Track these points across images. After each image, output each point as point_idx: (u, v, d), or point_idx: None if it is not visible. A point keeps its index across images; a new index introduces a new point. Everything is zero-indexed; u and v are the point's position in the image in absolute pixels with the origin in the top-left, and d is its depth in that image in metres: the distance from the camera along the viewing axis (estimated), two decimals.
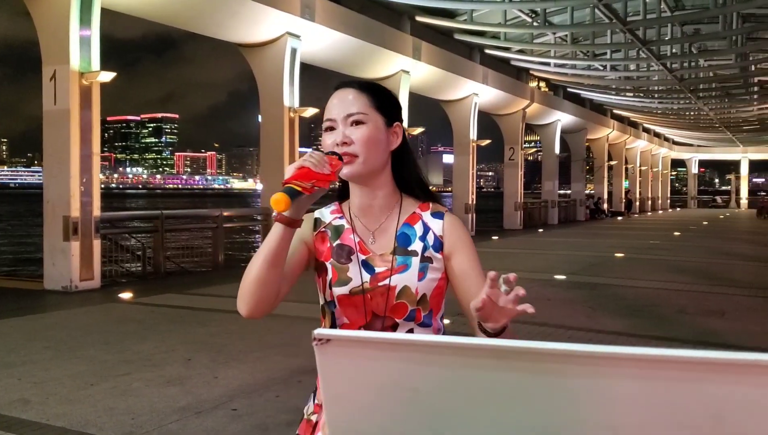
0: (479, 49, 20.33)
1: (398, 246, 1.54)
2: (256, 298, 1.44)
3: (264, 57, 13.34)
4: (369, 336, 0.72)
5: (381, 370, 0.69)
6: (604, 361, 0.59)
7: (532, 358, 0.62)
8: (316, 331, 0.73)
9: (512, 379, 0.63)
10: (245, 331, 6.91)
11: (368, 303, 1.50)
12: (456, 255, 1.56)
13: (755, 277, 11.70)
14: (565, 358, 0.60)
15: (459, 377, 0.66)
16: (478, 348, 0.65)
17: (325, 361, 0.73)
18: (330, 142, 1.53)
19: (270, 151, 13.68)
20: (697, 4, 17.92)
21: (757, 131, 42.58)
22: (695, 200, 58.27)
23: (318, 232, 1.58)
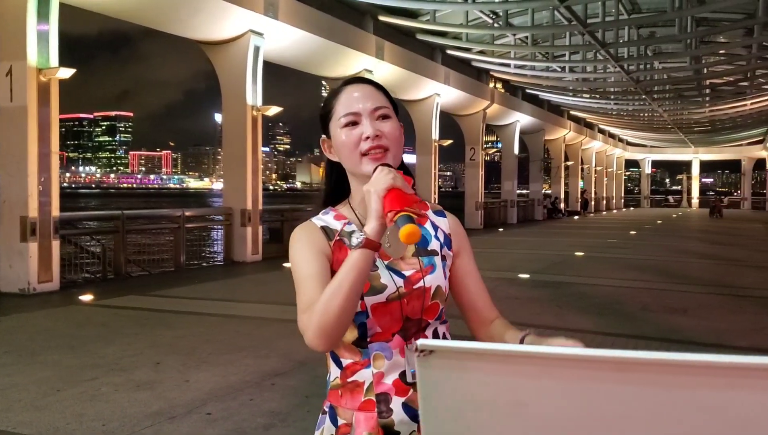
0: (441, 49, 20.42)
1: (419, 247, 1.50)
2: (342, 328, 1.33)
3: (227, 55, 13.16)
4: (477, 347, 0.67)
5: (487, 383, 0.65)
6: (737, 371, 0.56)
7: (661, 369, 0.59)
8: (420, 342, 0.68)
9: (634, 392, 0.60)
10: (213, 334, 6.79)
11: (404, 308, 1.43)
12: (462, 253, 1.57)
13: (713, 274, 11.99)
14: (696, 369, 0.57)
15: (574, 391, 0.62)
16: (601, 360, 0.61)
17: (427, 374, 0.68)
18: (355, 138, 1.46)
19: (232, 149, 13.50)
20: (652, 7, 18.29)
21: (708, 132, 43.75)
22: (648, 200, 59.53)
23: (334, 241, 1.47)
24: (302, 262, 1.43)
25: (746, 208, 51.93)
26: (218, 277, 11.55)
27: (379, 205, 1.31)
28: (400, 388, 1.41)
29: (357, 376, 1.43)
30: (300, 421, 4.32)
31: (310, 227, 1.50)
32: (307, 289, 1.38)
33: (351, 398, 1.43)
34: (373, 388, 1.41)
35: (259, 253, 13.53)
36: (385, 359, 1.42)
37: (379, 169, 1.38)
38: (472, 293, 1.57)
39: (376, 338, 1.42)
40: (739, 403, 0.57)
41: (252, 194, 13.33)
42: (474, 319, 1.58)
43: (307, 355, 5.94)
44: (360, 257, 1.31)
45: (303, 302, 1.37)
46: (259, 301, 8.94)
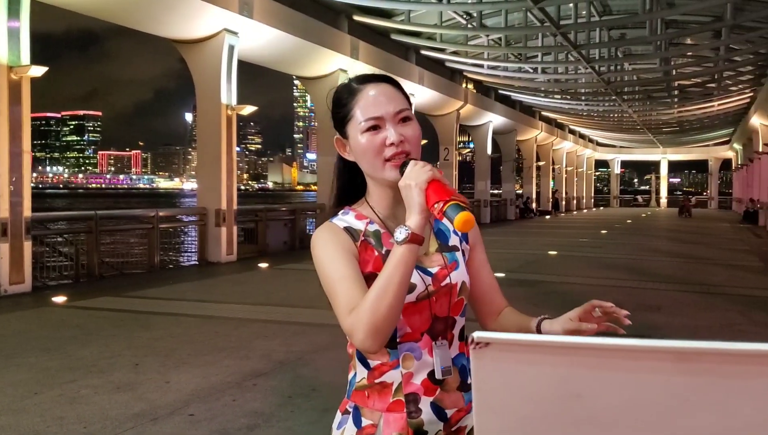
0: (415, 49, 20.47)
1: (441, 243, 1.50)
2: (393, 326, 1.30)
3: (201, 53, 13.05)
4: (533, 339, 0.67)
5: (542, 375, 0.66)
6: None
7: (719, 359, 0.61)
8: (476, 334, 0.69)
9: (691, 382, 0.62)
10: (191, 335, 6.75)
11: (433, 306, 1.42)
12: (476, 246, 1.58)
13: (685, 272, 12.19)
14: (750, 357, 0.59)
15: (630, 381, 0.64)
16: (660, 350, 0.63)
17: (482, 366, 0.68)
18: (379, 144, 1.41)
19: (206, 148, 13.40)
20: (623, 9, 18.53)
21: (676, 133, 44.42)
22: (617, 199, 60.25)
23: (360, 241, 1.44)
24: (333, 263, 1.39)
25: (713, 207, 52.85)
26: (193, 278, 11.46)
27: (422, 198, 1.30)
28: (428, 388, 1.40)
29: (385, 377, 1.41)
30: (284, 421, 4.31)
31: (333, 229, 1.46)
32: (345, 290, 1.34)
33: (379, 399, 1.41)
34: (402, 389, 1.40)
35: (234, 253, 13.44)
36: (414, 359, 1.40)
37: (412, 163, 1.36)
38: (485, 285, 1.58)
39: (405, 338, 1.40)
40: None
41: (226, 194, 13.24)
42: (485, 310, 1.59)
43: (287, 356, 5.94)
44: (406, 252, 1.28)
45: (344, 304, 1.32)
46: (236, 301, 8.89)
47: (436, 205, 1.27)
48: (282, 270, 12.16)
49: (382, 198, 1.49)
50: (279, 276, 11.52)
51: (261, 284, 10.60)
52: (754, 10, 15.91)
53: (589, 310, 1.35)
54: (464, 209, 1.24)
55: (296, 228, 16.35)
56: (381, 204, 1.49)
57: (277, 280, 11.07)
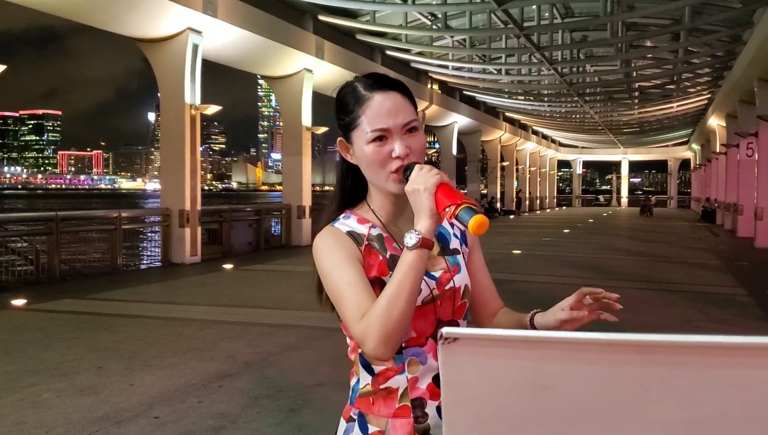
0: (380, 50, 20.52)
1: (443, 247, 1.49)
2: (405, 333, 1.28)
3: (164, 53, 12.90)
4: (500, 334, 0.70)
5: (509, 368, 0.68)
6: (751, 351, 0.62)
7: (678, 351, 0.64)
8: (444, 330, 0.71)
9: (653, 373, 0.64)
10: (155, 337, 6.68)
11: (438, 310, 1.41)
12: (474, 250, 1.57)
13: (646, 271, 12.44)
14: (711, 349, 0.63)
15: (595, 373, 0.66)
16: (623, 343, 0.66)
17: (450, 362, 0.70)
18: (384, 155, 1.38)
19: (170, 148, 13.26)
20: (584, 11, 18.82)
21: (637, 134, 45.24)
22: (579, 199, 61.09)
23: (364, 245, 1.41)
24: (339, 269, 1.36)
25: (672, 206, 53.96)
26: (157, 280, 11.33)
27: (432, 203, 1.27)
28: (434, 392, 1.39)
29: (391, 382, 1.40)
30: (250, 422, 4.30)
31: (337, 233, 1.43)
32: (354, 297, 1.31)
33: (384, 405, 1.40)
34: (408, 394, 1.39)
35: (198, 254, 13.33)
36: (419, 364, 1.39)
37: (418, 167, 1.33)
38: (483, 287, 1.57)
39: (410, 343, 1.39)
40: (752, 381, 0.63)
41: (190, 194, 13.12)
42: (482, 312, 1.58)
43: (253, 357, 5.92)
44: (417, 257, 1.26)
45: (353, 311, 1.30)
46: (201, 303, 8.81)
47: (447, 209, 1.25)
48: (247, 271, 12.09)
49: (384, 203, 1.47)
50: (244, 277, 11.45)
51: (226, 285, 10.53)
52: (711, 13, 16.30)
53: (580, 298, 1.36)
54: (477, 212, 1.22)
55: (261, 228, 16.26)
56: (383, 208, 1.47)
57: (242, 281, 11.00)
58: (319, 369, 5.44)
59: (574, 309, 1.35)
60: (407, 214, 1.40)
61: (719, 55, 20.47)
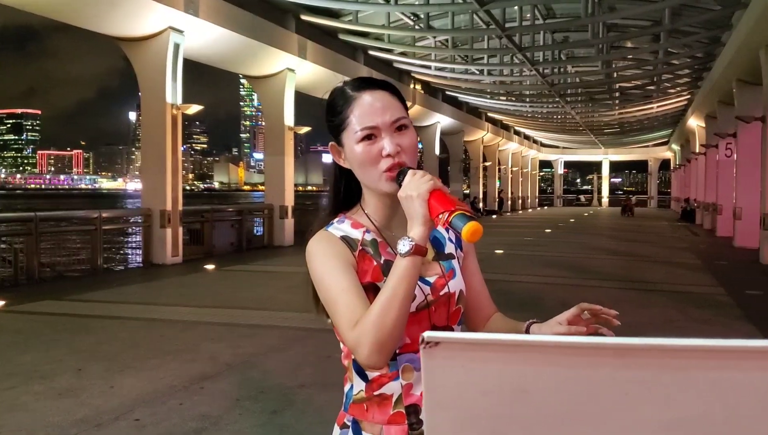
0: (363, 50, 20.51)
1: (437, 252, 1.47)
2: (398, 341, 1.27)
3: (145, 52, 12.81)
4: (481, 338, 0.70)
5: (490, 372, 0.68)
6: (727, 354, 0.63)
7: (657, 354, 0.64)
8: (426, 334, 0.71)
9: (632, 376, 0.65)
10: (136, 339, 6.63)
11: (432, 316, 1.40)
12: (469, 254, 1.56)
13: (625, 270, 12.54)
14: (690, 352, 0.63)
15: (574, 377, 0.66)
16: (600, 347, 0.66)
17: (432, 366, 0.70)
18: (375, 154, 1.37)
19: (151, 148, 13.16)
20: (566, 12, 18.93)
21: (617, 134, 45.63)
22: (561, 199, 61.50)
23: (358, 251, 1.39)
24: (332, 275, 1.34)
25: (652, 206, 54.47)
26: (138, 280, 11.24)
27: (425, 209, 1.25)
28: None
29: (385, 388, 1.38)
30: (232, 424, 4.28)
31: (330, 238, 1.41)
32: (348, 304, 1.29)
33: (379, 411, 1.38)
34: (403, 400, 1.37)
35: (180, 255, 13.24)
36: (414, 371, 1.37)
37: (411, 173, 1.32)
38: (476, 292, 1.56)
39: (405, 350, 1.37)
40: (729, 384, 0.64)
41: (172, 195, 13.03)
42: (476, 317, 1.57)
43: (235, 358, 5.89)
44: (410, 265, 1.24)
45: (347, 318, 1.28)
46: (182, 304, 8.76)
47: (441, 216, 1.23)
48: (229, 271, 12.03)
49: (378, 207, 1.45)
50: (226, 278, 11.40)
51: (207, 286, 10.47)
52: (690, 15, 16.47)
53: (578, 313, 1.35)
54: (471, 219, 1.21)
55: (243, 229, 16.20)
56: (377, 213, 1.45)
57: (224, 281, 10.95)
58: (301, 370, 5.42)
59: (572, 324, 1.34)
60: (400, 216, 1.37)
61: (698, 57, 20.69)
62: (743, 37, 14.19)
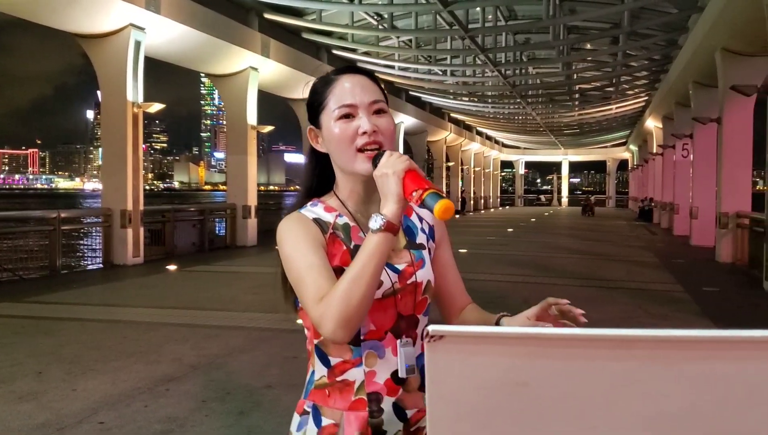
0: (327, 49, 20.45)
1: (409, 240, 1.47)
2: (364, 315, 1.26)
3: (106, 49, 12.57)
4: (485, 331, 0.70)
5: (492, 365, 0.69)
6: (722, 344, 0.65)
7: (653, 345, 0.66)
8: (431, 328, 0.71)
9: (629, 367, 0.66)
10: (98, 340, 6.52)
11: (398, 304, 1.39)
12: (442, 245, 1.56)
13: (586, 268, 12.73)
14: (684, 343, 0.65)
15: (573, 368, 0.68)
16: (598, 338, 0.67)
17: (435, 359, 0.71)
18: (351, 132, 1.39)
19: (111, 147, 12.93)
20: (527, 14, 19.15)
21: (577, 135, 46.32)
22: (522, 199, 62.16)
23: (329, 234, 1.40)
24: (302, 252, 1.34)
25: (611, 206, 55.37)
26: (98, 282, 11.03)
27: (399, 187, 1.27)
28: (391, 388, 1.38)
29: (347, 374, 1.38)
30: (199, 426, 4.24)
31: (302, 219, 1.42)
32: (313, 280, 1.30)
33: (340, 397, 1.38)
34: (365, 387, 1.37)
35: (141, 255, 13.04)
36: (377, 358, 1.38)
37: (388, 153, 1.33)
38: (450, 283, 1.56)
39: (369, 336, 1.37)
40: (723, 374, 0.66)
41: (133, 194, 12.83)
42: (449, 307, 1.58)
43: (199, 359, 5.83)
44: (381, 241, 1.25)
45: (313, 293, 1.28)
46: (144, 305, 8.63)
47: (414, 193, 1.25)
48: (191, 272, 11.89)
49: (352, 191, 1.45)
50: (188, 278, 11.27)
51: (170, 287, 10.33)
52: (649, 18, 16.81)
53: (546, 308, 1.36)
54: (443, 198, 1.22)
55: (205, 229, 16.02)
56: (351, 198, 1.46)
57: (187, 282, 10.82)
58: (267, 371, 5.39)
59: (540, 319, 1.35)
60: (375, 201, 1.39)
61: (656, 59, 21.11)
62: (699, 40, 14.52)
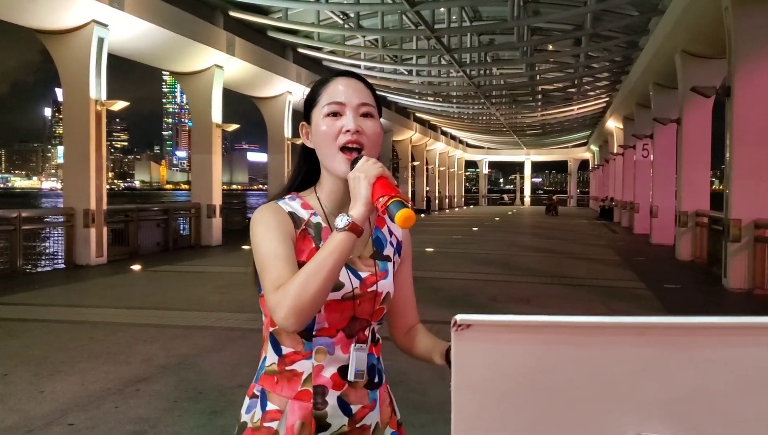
0: (292, 47, 20.37)
1: (376, 250, 1.52)
2: (317, 309, 1.31)
3: (68, 45, 12.34)
4: (511, 320, 0.73)
5: (517, 353, 0.73)
6: (728, 330, 0.69)
7: (670, 332, 0.70)
8: (459, 317, 0.74)
9: (644, 353, 0.70)
10: (64, 342, 6.42)
11: (356, 308, 1.44)
12: (405, 262, 1.60)
13: (550, 266, 12.91)
14: (695, 329, 0.69)
15: (593, 354, 0.72)
16: (617, 326, 0.71)
17: (462, 347, 0.74)
18: (336, 129, 1.43)
19: (74, 146, 12.70)
20: (492, 15, 19.33)
21: (539, 135, 46.88)
22: (485, 198, 62.68)
23: (301, 229, 1.44)
24: (269, 241, 1.38)
25: (572, 205, 56.18)
26: (61, 282, 10.83)
27: (368, 191, 1.30)
28: (337, 383, 1.42)
29: (296, 365, 1.43)
30: (171, 426, 4.21)
31: (277, 210, 1.45)
32: (276, 268, 1.34)
33: (288, 386, 1.42)
34: (312, 380, 1.42)
35: (104, 255, 12.85)
36: (327, 354, 1.42)
37: (365, 158, 1.37)
38: (405, 299, 1.61)
39: (321, 333, 1.42)
40: (731, 357, 0.71)
41: (96, 193, 12.62)
42: (398, 323, 1.61)
43: (169, 360, 5.78)
44: (344, 240, 1.29)
45: (272, 281, 1.32)
46: (110, 305, 8.51)
47: (380, 199, 1.29)
48: (156, 272, 11.76)
49: (332, 191, 1.49)
50: (154, 278, 11.14)
51: (135, 287, 10.20)
52: (611, 20, 17.10)
53: None
54: (406, 207, 1.26)
55: (170, 228, 15.84)
56: (330, 197, 1.49)
57: (152, 282, 10.70)
58: (238, 370, 5.37)
59: None
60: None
61: (617, 61, 21.49)
62: (660, 42, 14.84)
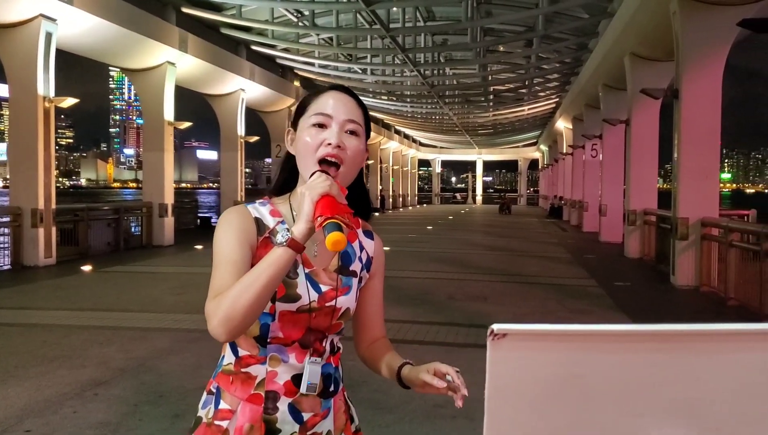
0: (246, 45, 20.17)
1: (342, 265, 1.51)
2: (249, 322, 1.30)
3: (14, 40, 11.96)
4: (546, 329, 0.76)
5: (548, 360, 0.75)
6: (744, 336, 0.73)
7: (690, 338, 0.74)
8: (495, 326, 0.76)
9: (668, 358, 0.74)
10: (15, 345, 6.26)
11: (312, 321, 1.44)
12: (375, 277, 1.61)
13: (505, 265, 13.11)
14: (714, 336, 0.73)
15: (622, 360, 0.75)
16: (643, 333, 0.75)
17: (497, 356, 0.76)
18: (318, 141, 1.43)
19: (20, 143, 12.32)
20: (445, 16, 19.48)
21: (491, 135, 47.45)
22: (438, 197, 63.14)
23: (263, 236, 1.43)
24: (226, 245, 1.39)
25: (522, 204, 57.03)
26: (8, 284, 10.50)
27: (311, 209, 1.30)
28: (289, 390, 1.43)
29: (251, 368, 1.43)
30: (133, 430, 4.15)
31: (244, 214, 1.45)
32: (222, 275, 1.35)
33: (241, 387, 1.43)
34: (264, 385, 1.42)
35: (53, 256, 12.52)
36: (281, 362, 1.43)
37: (317, 174, 1.36)
38: (371, 314, 1.62)
39: (275, 342, 1.43)
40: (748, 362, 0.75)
41: (44, 192, 12.28)
42: (363, 336, 1.63)
43: (127, 363, 5.69)
44: (281, 255, 1.28)
45: (213, 288, 1.33)
46: (62, 307, 8.32)
47: (319, 219, 1.28)
48: (108, 272, 11.52)
49: None
50: (105, 279, 10.91)
51: (87, 288, 9.97)
52: (562, 22, 17.42)
53: (441, 374, 1.34)
54: (340, 230, 1.25)
55: (120, 228, 15.53)
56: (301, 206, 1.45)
57: (105, 283, 10.48)
58: (199, 372, 5.31)
59: (437, 376, 1.33)
60: None
61: (567, 62, 21.90)
62: (609, 44, 15.19)
